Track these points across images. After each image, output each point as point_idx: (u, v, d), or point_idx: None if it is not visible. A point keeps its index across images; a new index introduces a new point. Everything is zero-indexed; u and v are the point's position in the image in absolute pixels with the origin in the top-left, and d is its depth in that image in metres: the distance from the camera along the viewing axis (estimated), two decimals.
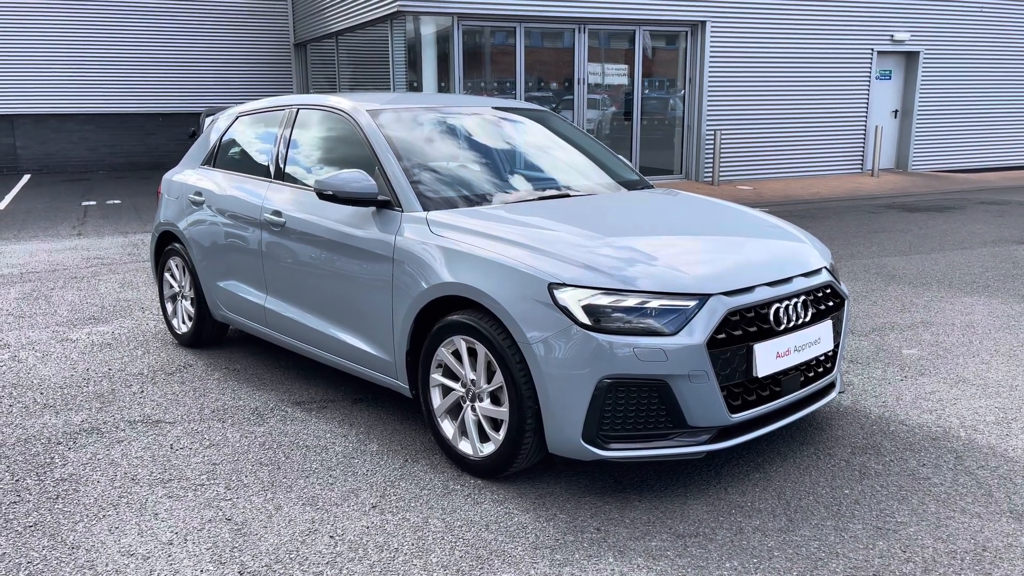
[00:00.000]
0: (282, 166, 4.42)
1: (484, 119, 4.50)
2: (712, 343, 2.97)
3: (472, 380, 3.29)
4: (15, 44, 16.87)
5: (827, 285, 3.48)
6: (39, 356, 5.00)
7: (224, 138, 5.04)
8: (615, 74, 13.76)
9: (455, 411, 3.44)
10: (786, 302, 3.22)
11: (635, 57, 13.57)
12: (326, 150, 4.31)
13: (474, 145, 4.33)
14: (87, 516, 3.07)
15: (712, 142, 13.73)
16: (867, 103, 15.04)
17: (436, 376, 3.44)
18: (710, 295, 3.02)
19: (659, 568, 2.71)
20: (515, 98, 12.81)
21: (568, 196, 4.05)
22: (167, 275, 5.25)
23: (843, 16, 14.40)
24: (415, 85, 12.84)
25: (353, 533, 2.94)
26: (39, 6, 16.91)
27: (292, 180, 4.33)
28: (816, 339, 3.33)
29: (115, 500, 3.19)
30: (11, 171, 17.40)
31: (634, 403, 2.97)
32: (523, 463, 3.20)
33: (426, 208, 3.62)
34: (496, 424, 3.25)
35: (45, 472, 3.44)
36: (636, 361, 2.91)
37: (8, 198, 13.12)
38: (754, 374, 3.08)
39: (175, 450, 3.65)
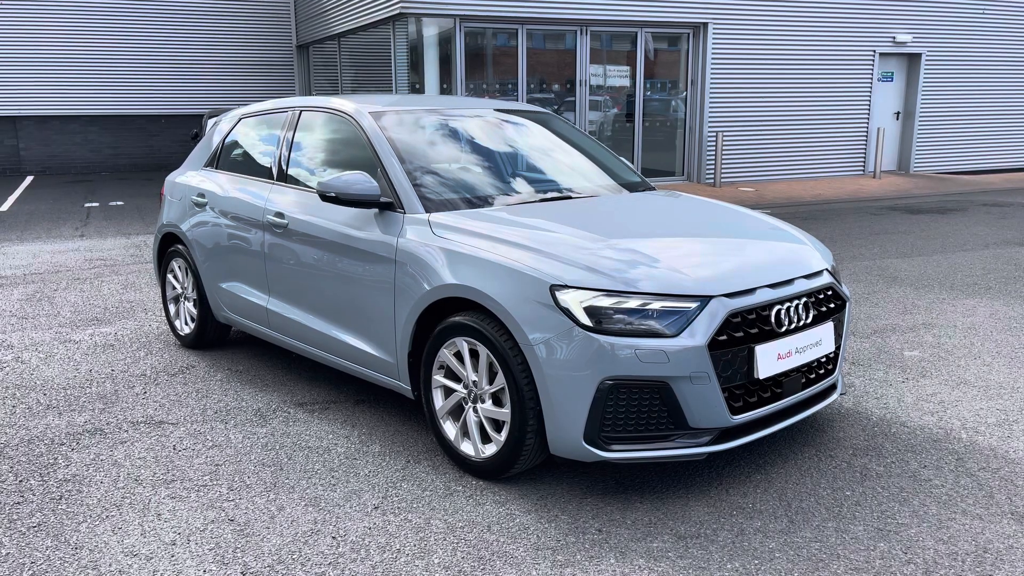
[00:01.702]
0: (285, 168, 4.44)
1: (486, 121, 4.51)
2: (713, 345, 2.97)
3: (474, 381, 3.30)
4: (18, 46, 16.91)
5: (828, 287, 3.49)
6: (42, 357, 5.01)
7: (227, 140, 5.06)
8: (617, 76, 13.77)
9: (457, 412, 3.45)
10: (787, 304, 3.22)
11: (637, 59, 13.58)
12: (329, 152, 4.32)
13: (476, 147, 4.34)
14: (90, 516, 3.08)
15: (714, 144, 13.74)
16: (869, 105, 15.05)
17: (438, 377, 3.45)
18: (711, 297, 3.03)
19: (661, 569, 2.71)
20: (517, 100, 12.83)
21: (570, 198, 4.06)
22: (170, 276, 5.26)
23: (845, 18, 14.40)
24: (417, 87, 12.86)
25: (355, 534, 2.95)
26: (42, 8, 16.95)
27: (295, 182, 4.34)
28: (817, 341, 3.33)
29: (118, 501, 3.20)
30: (14, 172, 17.44)
31: (635, 404, 2.98)
32: (525, 464, 3.21)
33: (428, 210, 3.63)
34: (498, 425, 3.26)
35: (48, 473, 3.46)
36: (637, 363, 2.92)
37: (11, 199, 13.15)
38: (755, 376, 3.08)
39: (178, 451, 3.66)
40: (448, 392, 3.45)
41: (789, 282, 3.30)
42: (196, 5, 17.92)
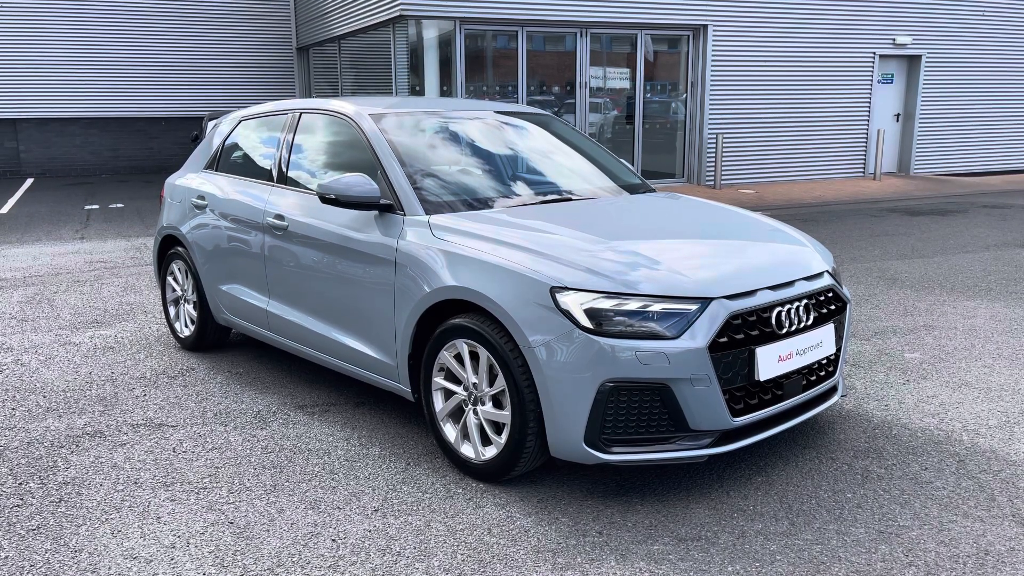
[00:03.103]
0: (285, 170, 4.43)
1: (486, 123, 4.50)
2: (714, 347, 2.97)
3: (474, 383, 3.29)
4: (18, 48, 16.92)
5: (829, 289, 3.48)
6: (42, 360, 5.01)
7: (227, 142, 5.06)
8: (617, 78, 13.78)
9: (457, 415, 3.45)
10: (788, 306, 3.22)
11: (637, 61, 13.59)
12: (329, 154, 4.32)
13: (476, 149, 4.33)
14: (90, 519, 3.08)
15: (714, 146, 13.74)
16: (869, 107, 15.05)
17: (438, 380, 3.45)
18: (712, 299, 3.03)
19: (661, 572, 2.71)
20: (517, 102, 12.83)
21: (570, 200, 4.05)
22: (170, 279, 5.26)
23: (845, 20, 14.41)
24: (417, 89, 12.86)
25: (355, 536, 2.94)
26: (42, 10, 16.97)
27: (295, 184, 4.34)
28: (818, 343, 3.33)
29: (118, 503, 3.19)
30: (14, 175, 17.44)
31: (636, 406, 2.97)
32: (525, 467, 3.20)
33: (428, 212, 3.63)
34: (498, 428, 3.25)
35: (48, 475, 3.45)
36: (638, 365, 2.91)
37: (11, 202, 13.15)
38: (756, 378, 3.08)
39: (177, 453, 3.65)
40: (448, 394, 3.44)
41: (790, 284, 3.30)
42: (195, 7, 17.93)
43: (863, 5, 14.47)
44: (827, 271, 3.56)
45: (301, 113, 4.51)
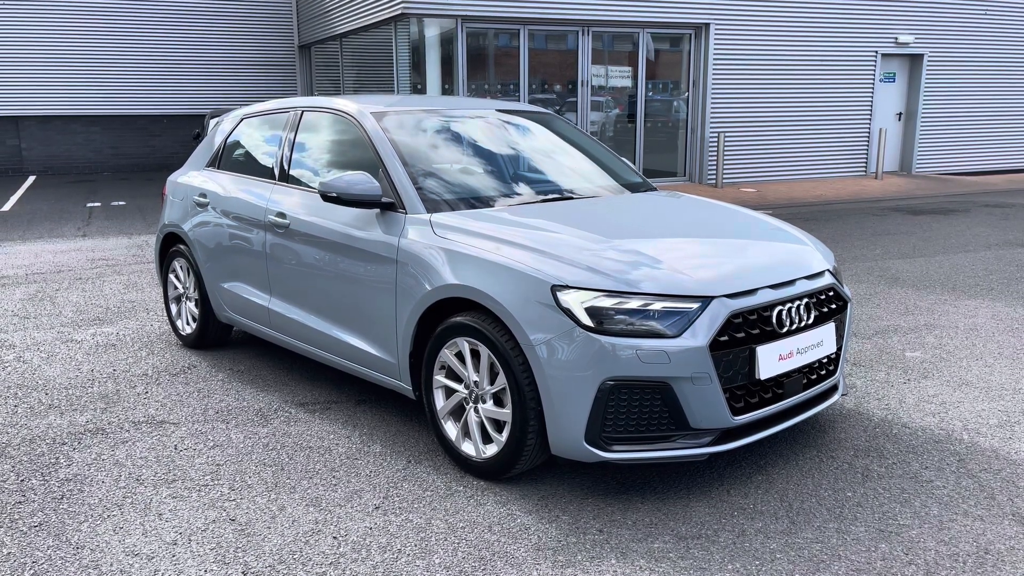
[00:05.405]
0: (286, 168, 4.44)
1: (488, 122, 4.51)
2: (715, 345, 2.97)
3: (475, 382, 3.30)
4: (20, 46, 16.93)
5: (830, 288, 3.48)
6: (44, 357, 5.02)
7: (229, 140, 5.06)
8: (618, 76, 13.78)
9: (458, 412, 3.45)
10: (789, 305, 3.22)
11: (639, 59, 13.59)
12: (330, 152, 4.33)
13: (478, 148, 4.34)
14: (92, 516, 3.09)
15: (715, 144, 13.74)
16: (871, 106, 15.04)
17: (439, 378, 3.45)
18: (713, 297, 3.03)
19: (661, 570, 2.71)
20: (519, 100, 12.83)
21: (571, 199, 4.06)
22: (171, 276, 5.27)
23: (847, 18, 14.40)
24: (419, 87, 12.86)
25: (356, 534, 2.95)
26: (43, 8, 16.97)
27: (296, 182, 4.34)
28: (819, 342, 3.33)
29: (119, 500, 3.20)
30: (16, 172, 17.46)
31: (637, 405, 2.98)
32: (526, 464, 3.21)
33: (429, 210, 3.64)
34: (499, 425, 3.26)
35: (50, 472, 3.46)
36: (639, 363, 2.92)
37: (13, 199, 13.17)
38: (757, 376, 3.08)
39: (179, 451, 3.66)
40: (449, 392, 3.45)
41: (790, 283, 3.30)
42: (197, 6, 17.94)
43: (865, 4, 14.45)
44: (828, 270, 3.56)
45: (303, 111, 4.52)
